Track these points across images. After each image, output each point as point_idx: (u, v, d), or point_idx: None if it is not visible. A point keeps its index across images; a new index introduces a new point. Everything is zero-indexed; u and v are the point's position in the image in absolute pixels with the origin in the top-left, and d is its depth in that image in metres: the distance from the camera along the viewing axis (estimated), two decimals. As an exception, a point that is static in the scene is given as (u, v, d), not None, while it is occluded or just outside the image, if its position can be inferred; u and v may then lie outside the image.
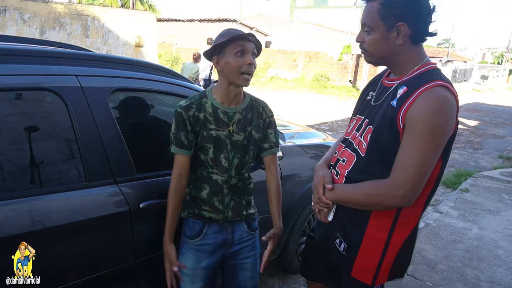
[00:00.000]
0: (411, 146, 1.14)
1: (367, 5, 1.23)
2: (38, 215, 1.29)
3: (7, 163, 1.36)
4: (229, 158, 1.52)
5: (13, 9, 7.86)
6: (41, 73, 1.41)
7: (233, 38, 1.41)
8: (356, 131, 1.36)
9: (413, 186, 1.16)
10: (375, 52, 1.25)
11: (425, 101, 1.12)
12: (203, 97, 1.52)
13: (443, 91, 1.14)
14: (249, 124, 1.56)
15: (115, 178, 1.53)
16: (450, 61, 23.87)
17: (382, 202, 1.21)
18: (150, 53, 10.57)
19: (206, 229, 1.57)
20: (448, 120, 1.15)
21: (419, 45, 1.24)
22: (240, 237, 1.64)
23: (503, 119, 12.67)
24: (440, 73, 1.21)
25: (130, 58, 1.83)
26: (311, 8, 37.94)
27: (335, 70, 16.93)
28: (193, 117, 1.48)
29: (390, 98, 1.23)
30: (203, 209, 1.55)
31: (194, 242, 1.56)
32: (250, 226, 1.66)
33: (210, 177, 1.53)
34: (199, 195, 1.55)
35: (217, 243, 1.59)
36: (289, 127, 3.30)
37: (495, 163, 6.75)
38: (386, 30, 1.19)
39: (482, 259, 3.13)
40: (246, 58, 1.43)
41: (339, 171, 1.38)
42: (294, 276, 2.70)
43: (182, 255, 1.58)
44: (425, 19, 1.18)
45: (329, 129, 8.39)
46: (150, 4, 20.14)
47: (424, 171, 1.16)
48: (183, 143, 1.48)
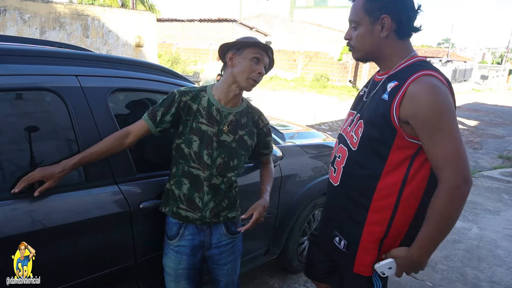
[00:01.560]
0: (436, 140, 1.14)
1: (354, 3, 1.29)
2: (38, 215, 1.29)
3: (7, 163, 1.36)
4: (213, 156, 1.50)
5: (13, 9, 7.86)
6: (41, 73, 1.41)
7: (256, 44, 1.48)
8: (348, 126, 1.40)
9: (463, 168, 1.14)
10: (361, 46, 1.29)
11: (418, 93, 1.15)
12: (202, 91, 1.54)
13: (429, 79, 1.16)
14: (241, 128, 1.56)
15: (115, 178, 1.53)
16: (450, 61, 23.87)
17: (458, 204, 1.16)
18: (150, 53, 10.57)
19: (182, 230, 1.55)
20: (447, 100, 1.16)
21: (405, 39, 1.27)
22: (219, 240, 1.61)
23: (503, 119, 12.67)
24: (428, 64, 1.24)
25: (130, 58, 1.83)
26: (311, 8, 37.95)
27: (335, 70, 16.94)
28: (184, 103, 1.50)
29: (380, 92, 1.26)
30: (181, 208, 1.53)
31: (173, 243, 1.57)
32: (229, 230, 1.63)
33: (190, 171, 1.51)
34: (180, 191, 1.52)
35: (194, 245, 1.57)
36: (289, 127, 3.30)
37: (495, 163, 6.75)
38: (371, 23, 1.24)
39: (482, 259, 3.13)
40: (259, 67, 1.48)
41: (336, 168, 1.41)
42: (294, 276, 2.70)
43: (165, 256, 1.60)
44: (408, 13, 1.23)
45: (329, 129, 8.39)
46: (150, 4, 20.13)
47: (462, 149, 1.14)
48: (155, 117, 1.49)
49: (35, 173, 1.29)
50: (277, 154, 1.94)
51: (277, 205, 2.23)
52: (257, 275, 2.68)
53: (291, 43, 21.86)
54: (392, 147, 1.22)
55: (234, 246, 1.66)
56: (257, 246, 2.25)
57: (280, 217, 2.28)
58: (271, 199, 1.69)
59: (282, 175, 2.21)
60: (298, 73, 17.96)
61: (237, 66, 1.48)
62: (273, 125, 2.96)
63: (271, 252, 2.36)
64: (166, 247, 1.60)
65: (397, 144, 1.22)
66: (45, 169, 1.31)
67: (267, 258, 2.37)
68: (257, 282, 2.61)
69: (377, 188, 1.26)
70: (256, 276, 2.67)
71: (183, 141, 1.51)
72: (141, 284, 1.68)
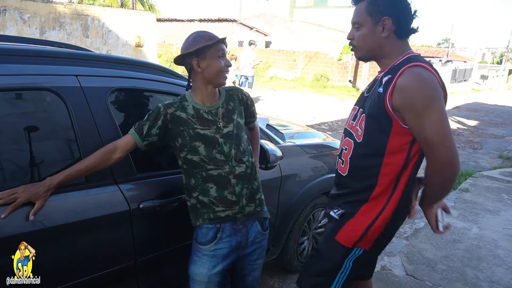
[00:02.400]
0: (423, 122, 1.25)
1: (357, 6, 1.41)
2: (38, 215, 1.29)
3: (7, 163, 1.36)
4: (225, 152, 1.52)
5: (13, 9, 7.86)
6: (41, 73, 1.41)
7: (217, 41, 1.48)
8: (352, 120, 1.51)
9: (450, 146, 1.25)
10: (363, 45, 1.42)
11: (405, 82, 1.26)
12: (184, 101, 1.54)
13: (415, 69, 1.28)
14: (233, 113, 1.60)
15: (115, 178, 1.53)
16: (450, 61, 23.87)
17: (452, 179, 1.30)
18: (150, 53, 10.57)
19: (220, 233, 1.54)
20: (433, 88, 1.26)
21: (403, 40, 1.40)
22: (254, 238, 1.64)
23: (503, 119, 12.67)
24: (418, 57, 1.35)
25: (130, 58, 1.83)
26: (311, 8, 37.95)
27: (335, 70, 16.93)
28: (171, 115, 1.49)
29: (377, 86, 1.38)
30: (217, 211, 1.52)
31: (208, 247, 1.54)
32: (263, 226, 1.68)
33: (210, 174, 1.51)
34: (209, 196, 1.51)
35: (232, 246, 1.57)
36: (289, 127, 3.30)
37: (494, 163, 6.75)
38: (373, 24, 1.37)
39: (482, 258, 3.13)
40: (226, 59, 1.52)
41: (343, 160, 1.51)
42: (294, 276, 2.70)
43: (195, 263, 1.56)
44: (406, 16, 1.36)
45: (329, 129, 8.39)
46: (150, 4, 20.14)
47: (448, 130, 1.25)
48: (142, 131, 1.48)
49: (21, 197, 1.25)
50: (277, 154, 1.93)
51: (277, 205, 2.23)
52: (257, 275, 2.68)
53: (291, 43, 21.85)
54: (390, 134, 1.33)
55: (265, 242, 1.73)
56: (257, 246, 2.25)
57: (280, 217, 2.28)
58: (271, 199, 1.71)
59: (282, 175, 2.21)
60: (298, 73, 17.95)
61: (207, 69, 1.49)
62: (273, 125, 2.96)
63: (271, 252, 2.36)
64: (197, 254, 1.56)
65: (394, 131, 1.32)
66: (30, 190, 1.27)
67: (267, 258, 2.37)
68: (257, 282, 2.61)
69: (380, 173, 1.38)
70: (256, 276, 2.67)
71: (187, 151, 1.50)
72: (141, 284, 1.68)
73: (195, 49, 1.46)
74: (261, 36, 22.34)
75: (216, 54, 1.48)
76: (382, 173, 1.38)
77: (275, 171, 2.15)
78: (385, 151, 1.35)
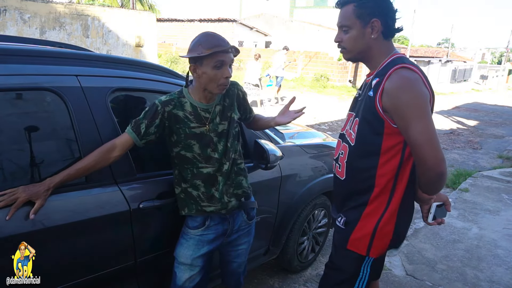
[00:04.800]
0: (409, 125, 1.27)
1: (343, 9, 1.42)
2: (38, 214, 1.29)
3: (7, 163, 1.36)
4: (219, 149, 1.56)
5: (13, 9, 7.86)
6: (41, 73, 1.41)
7: (213, 53, 1.40)
8: (348, 125, 1.53)
9: (435, 149, 1.26)
10: (353, 47, 1.43)
11: (392, 85, 1.29)
12: (181, 97, 1.53)
13: (400, 72, 1.30)
14: (228, 110, 1.61)
15: (115, 178, 1.53)
16: (450, 61, 23.87)
17: (442, 180, 1.31)
18: (150, 53, 10.56)
19: (208, 221, 1.61)
20: (419, 90, 1.29)
21: (389, 40, 1.43)
22: (239, 226, 1.70)
23: (503, 119, 12.67)
24: (403, 58, 1.38)
25: (130, 58, 1.83)
26: (311, 8, 37.97)
27: (335, 70, 16.93)
28: (169, 113, 1.49)
29: (367, 90, 1.40)
30: (203, 205, 1.58)
31: (196, 232, 1.61)
32: (249, 215, 1.73)
33: (201, 172, 1.55)
34: (198, 191, 1.57)
35: (218, 233, 1.65)
36: (289, 127, 3.30)
37: (494, 163, 6.75)
38: (362, 26, 1.38)
39: (482, 258, 3.13)
40: (224, 71, 1.45)
41: (340, 164, 1.53)
42: (294, 276, 2.70)
43: (181, 245, 1.62)
44: (392, 17, 1.40)
45: (329, 129, 8.39)
46: (150, 4, 20.14)
47: (433, 133, 1.27)
48: (139, 129, 1.47)
49: (21, 196, 1.25)
50: (277, 154, 1.94)
51: (277, 205, 2.23)
52: (257, 275, 2.68)
53: (291, 43, 21.86)
54: (383, 135, 1.35)
55: (250, 229, 1.78)
56: (257, 246, 2.25)
57: (280, 217, 2.28)
58: (271, 199, 1.72)
59: (282, 175, 2.21)
60: (298, 73, 17.96)
61: (202, 77, 1.46)
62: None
63: (271, 252, 2.37)
64: (185, 237, 1.62)
65: (386, 132, 1.34)
66: (30, 189, 1.27)
67: (267, 258, 2.38)
68: (257, 282, 2.61)
69: (377, 174, 1.40)
70: (256, 276, 2.67)
71: (182, 148, 1.53)
72: (141, 284, 1.68)
73: (190, 57, 1.44)
74: (261, 36, 22.35)
75: (212, 64, 1.43)
76: (378, 174, 1.39)
77: (275, 171, 2.15)
78: (379, 152, 1.37)
